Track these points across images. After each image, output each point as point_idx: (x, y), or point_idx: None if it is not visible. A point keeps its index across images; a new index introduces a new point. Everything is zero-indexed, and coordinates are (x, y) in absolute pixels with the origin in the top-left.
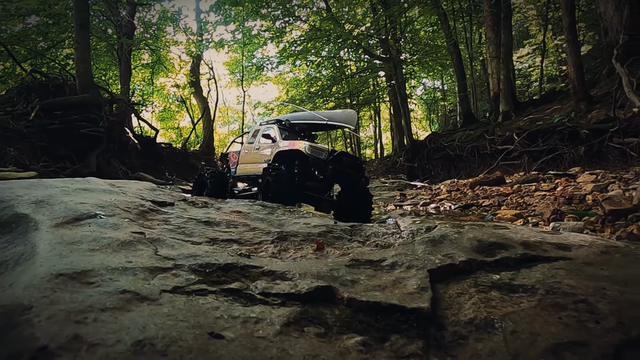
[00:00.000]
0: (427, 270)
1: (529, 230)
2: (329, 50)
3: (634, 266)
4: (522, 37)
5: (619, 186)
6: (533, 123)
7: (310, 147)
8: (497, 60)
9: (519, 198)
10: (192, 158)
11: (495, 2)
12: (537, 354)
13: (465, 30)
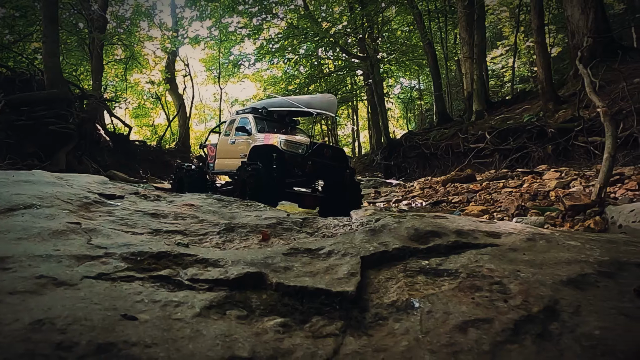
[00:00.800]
0: (360, 257)
1: (465, 220)
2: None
3: (553, 251)
4: (496, 38)
5: (580, 183)
6: (504, 122)
7: (286, 142)
8: (471, 60)
9: (487, 195)
10: (167, 156)
11: (468, 4)
12: (446, 330)
13: (440, 30)
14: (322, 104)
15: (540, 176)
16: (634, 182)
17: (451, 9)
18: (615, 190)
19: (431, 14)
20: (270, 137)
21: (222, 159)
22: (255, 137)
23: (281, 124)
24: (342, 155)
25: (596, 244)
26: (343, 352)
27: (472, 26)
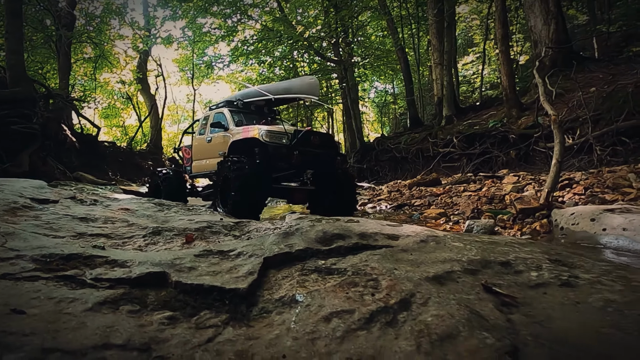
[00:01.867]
0: (263, 258)
1: (374, 224)
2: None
3: (437, 251)
4: (467, 45)
5: (534, 187)
6: (471, 127)
7: (268, 132)
8: (441, 66)
9: (447, 198)
10: (138, 157)
11: (438, 12)
12: (314, 321)
13: (413, 36)
14: (302, 87)
15: (500, 180)
16: (581, 187)
17: (423, 16)
18: (564, 195)
19: (404, 20)
20: (249, 130)
21: (199, 160)
22: (233, 131)
23: (260, 115)
24: (330, 141)
25: (477, 244)
26: (217, 340)
27: (442, 34)
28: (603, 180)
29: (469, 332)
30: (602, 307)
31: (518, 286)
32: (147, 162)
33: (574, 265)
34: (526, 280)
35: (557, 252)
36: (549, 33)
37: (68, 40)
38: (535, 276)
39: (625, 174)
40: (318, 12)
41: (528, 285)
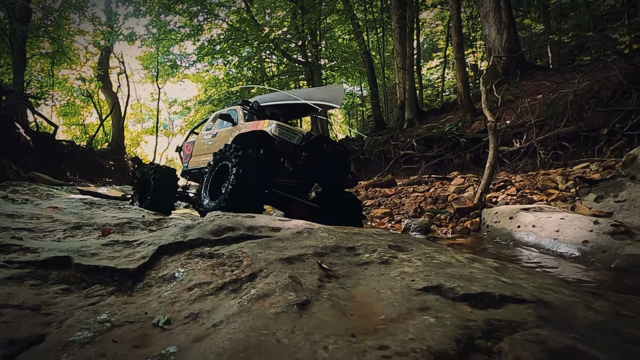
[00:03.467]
0: (158, 246)
1: (266, 219)
2: (249, 51)
3: (306, 240)
4: (432, 50)
5: (474, 188)
6: (429, 130)
7: (279, 127)
8: (404, 71)
9: (397, 199)
10: (98, 157)
11: (399, 18)
12: (180, 290)
13: (378, 40)
14: (323, 95)
15: (450, 182)
16: (514, 188)
17: (388, 20)
18: (498, 195)
19: (369, 24)
20: (259, 123)
21: (198, 155)
22: (241, 125)
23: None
24: (344, 155)
25: (340, 235)
26: (99, 304)
27: (405, 39)
28: (535, 182)
29: (281, 292)
30: (394, 276)
31: (349, 264)
32: (108, 162)
33: (404, 250)
34: (357, 260)
35: (402, 240)
36: (502, 42)
37: (23, 35)
38: (366, 257)
39: (554, 177)
40: (286, 13)
41: (357, 263)
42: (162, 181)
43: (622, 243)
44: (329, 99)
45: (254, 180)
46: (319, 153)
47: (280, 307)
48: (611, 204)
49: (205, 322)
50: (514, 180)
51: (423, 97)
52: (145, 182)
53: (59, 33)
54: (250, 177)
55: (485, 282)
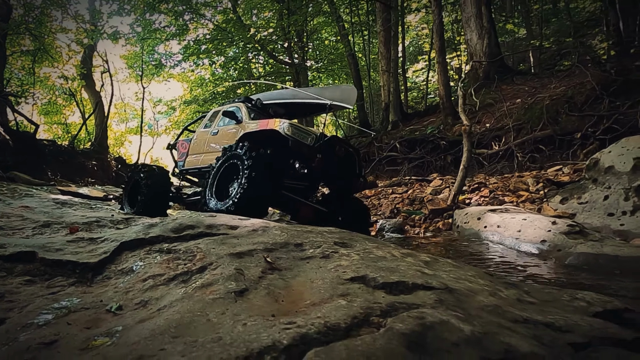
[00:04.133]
0: (120, 243)
1: (226, 218)
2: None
3: (259, 237)
4: (418, 52)
5: (450, 190)
6: (412, 133)
7: (292, 126)
8: (388, 74)
9: (376, 200)
10: (81, 157)
11: (384, 21)
12: (136, 281)
13: (364, 42)
14: (334, 94)
15: (429, 183)
16: (487, 190)
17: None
18: (472, 197)
19: (355, 27)
20: (268, 122)
21: (196, 154)
22: (247, 124)
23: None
24: (356, 157)
25: (292, 232)
26: (59, 293)
27: (390, 42)
28: (508, 185)
29: (223, 282)
30: (330, 269)
31: (294, 259)
32: (91, 162)
33: (348, 246)
34: (302, 255)
35: (349, 238)
36: (483, 46)
37: (3, 32)
38: (310, 252)
39: (526, 179)
40: (272, 14)
41: (301, 258)
42: (154, 183)
43: (575, 242)
44: (341, 98)
45: (267, 182)
46: (331, 154)
47: (219, 294)
48: (575, 205)
49: (153, 307)
50: (489, 182)
51: (409, 99)
52: (135, 185)
53: (40, 30)
54: (264, 179)
55: (405, 273)
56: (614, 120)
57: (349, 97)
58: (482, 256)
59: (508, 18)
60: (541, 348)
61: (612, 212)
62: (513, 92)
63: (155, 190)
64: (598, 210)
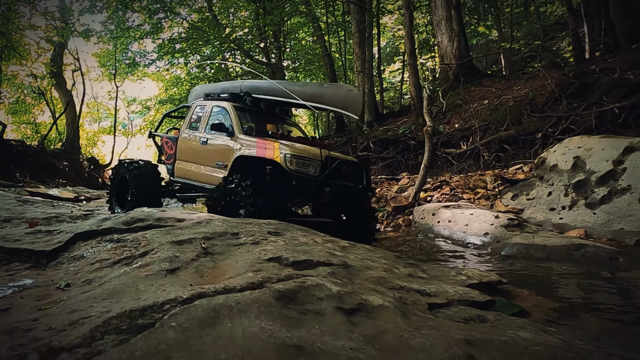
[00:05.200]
0: (74, 234)
1: (175, 212)
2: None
3: (201, 227)
4: (394, 53)
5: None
6: (386, 133)
7: (293, 157)
8: (363, 74)
9: None
10: (51, 157)
11: (358, 22)
12: (85, 265)
13: (340, 43)
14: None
15: (398, 182)
16: (448, 188)
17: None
18: (434, 194)
19: (330, 27)
20: (265, 146)
21: (186, 162)
22: (241, 141)
23: (270, 116)
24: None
25: (231, 224)
26: (16, 275)
27: (364, 43)
28: (468, 182)
29: (159, 263)
30: (255, 252)
31: (228, 245)
32: (62, 162)
33: (280, 234)
34: (236, 242)
35: (284, 228)
36: (453, 49)
37: None
38: (243, 240)
39: (485, 177)
40: (249, 13)
41: (234, 244)
42: (143, 178)
43: (512, 234)
44: (345, 105)
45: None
46: (339, 178)
47: (152, 272)
48: (523, 201)
49: (95, 283)
50: (452, 180)
51: (385, 99)
52: (122, 183)
53: (7, 27)
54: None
55: (315, 254)
56: (571, 121)
57: (354, 105)
58: (430, 248)
59: (480, 21)
60: (393, 303)
61: (553, 207)
62: (481, 94)
63: (145, 187)
64: (542, 206)
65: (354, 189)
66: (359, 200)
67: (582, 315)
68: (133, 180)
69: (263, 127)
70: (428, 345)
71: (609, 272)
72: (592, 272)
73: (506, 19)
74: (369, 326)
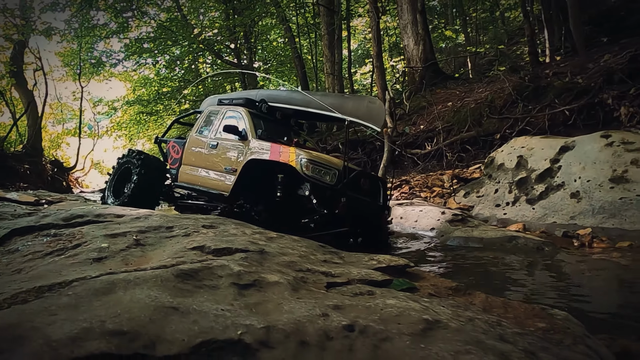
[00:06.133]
0: (11, 230)
1: (117, 209)
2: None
3: (139, 222)
4: (366, 56)
5: None
6: (355, 134)
7: (311, 162)
8: (333, 76)
9: None
10: (12, 160)
11: (327, 24)
12: (19, 256)
13: (310, 44)
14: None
15: None
16: (407, 187)
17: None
18: (394, 193)
19: (301, 29)
20: (280, 150)
21: (191, 167)
22: (254, 145)
23: (285, 126)
24: (381, 186)
25: (168, 219)
26: None
27: (334, 45)
28: (427, 182)
29: (88, 253)
30: (184, 243)
31: (161, 237)
32: (23, 165)
33: (213, 227)
34: (169, 235)
35: (219, 222)
36: (419, 52)
37: None
38: (176, 232)
39: (442, 177)
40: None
41: (167, 236)
42: (149, 171)
43: (454, 229)
44: (368, 116)
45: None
46: (356, 190)
47: (79, 260)
48: (474, 198)
49: (25, 272)
50: (413, 179)
51: None
52: (125, 172)
53: None
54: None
55: (236, 243)
56: (526, 123)
57: (377, 117)
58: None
59: (447, 25)
60: (289, 281)
61: (499, 203)
62: (446, 96)
63: (149, 181)
64: (489, 202)
65: (371, 204)
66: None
67: (474, 293)
68: (139, 172)
69: (278, 136)
70: (297, 309)
71: (530, 259)
72: (515, 260)
73: (473, 24)
74: (255, 297)
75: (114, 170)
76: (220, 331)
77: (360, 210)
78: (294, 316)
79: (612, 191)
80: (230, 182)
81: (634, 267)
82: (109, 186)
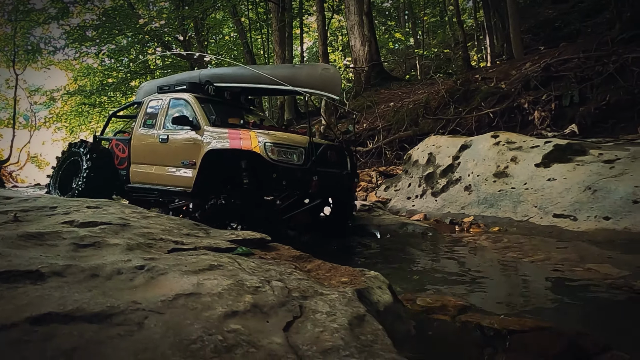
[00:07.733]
0: None
1: (7, 192)
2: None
3: (28, 204)
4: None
5: None
6: None
7: (274, 145)
8: None
9: None
10: None
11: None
12: None
13: (263, 40)
14: (314, 80)
15: None
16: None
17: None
18: None
19: (253, 24)
20: (239, 136)
21: (143, 165)
22: (209, 133)
23: (236, 106)
24: (347, 157)
25: (56, 200)
26: None
27: (284, 42)
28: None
29: None
30: (61, 219)
31: (41, 216)
32: None
33: (97, 208)
34: (50, 213)
35: (105, 204)
36: (365, 53)
37: None
38: (57, 211)
39: (371, 172)
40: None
41: (47, 214)
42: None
43: (359, 217)
44: (323, 86)
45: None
46: (325, 164)
47: None
48: (392, 192)
49: None
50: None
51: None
52: (72, 165)
53: None
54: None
55: (104, 218)
56: (457, 123)
57: (333, 85)
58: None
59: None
60: (129, 244)
61: (410, 196)
62: (389, 96)
63: (100, 174)
64: (403, 195)
65: (342, 175)
66: (347, 187)
67: (314, 260)
68: (88, 164)
69: (231, 118)
70: (113, 259)
71: (411, 241)
72: (395, 240)
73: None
74: (87, 252)
75: (59, 162)
76: (24, 266)
77: (332, 183)
78: (102, 261)
79: (494, 184)
80: (191, 176)
81: (487, 245)
82: (54, 181)
